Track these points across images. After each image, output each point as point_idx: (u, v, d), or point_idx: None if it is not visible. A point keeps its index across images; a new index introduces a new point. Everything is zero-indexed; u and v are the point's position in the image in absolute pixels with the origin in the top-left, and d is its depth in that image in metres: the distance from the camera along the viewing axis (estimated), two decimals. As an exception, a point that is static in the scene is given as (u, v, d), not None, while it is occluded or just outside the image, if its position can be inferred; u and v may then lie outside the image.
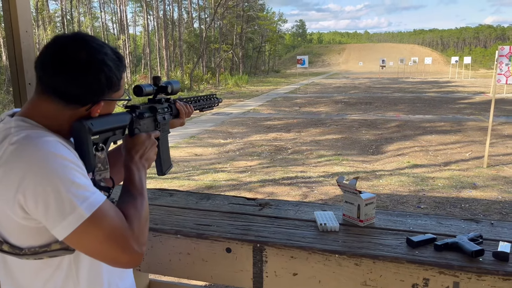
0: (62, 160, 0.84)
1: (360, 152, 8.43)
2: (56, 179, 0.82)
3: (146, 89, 1.15)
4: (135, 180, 1.04)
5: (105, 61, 0.93)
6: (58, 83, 0.90)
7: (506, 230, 1.50)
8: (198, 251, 1.53)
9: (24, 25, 1.97)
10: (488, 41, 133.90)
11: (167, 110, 1.27)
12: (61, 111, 0.92)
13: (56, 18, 31.17)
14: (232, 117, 14.06)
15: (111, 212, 0.89)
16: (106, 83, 0.94)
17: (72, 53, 0.90)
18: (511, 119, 12.13)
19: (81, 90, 0.91)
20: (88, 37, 0.95)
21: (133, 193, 1.01)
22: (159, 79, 1.22)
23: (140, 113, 1.11)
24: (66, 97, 0.91)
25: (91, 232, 0.85)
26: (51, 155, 0.84)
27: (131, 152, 1.09)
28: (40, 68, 0.91)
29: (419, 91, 22.89)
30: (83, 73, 0.90)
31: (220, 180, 6.53)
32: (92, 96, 0.93)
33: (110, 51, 0.96)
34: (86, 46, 0.92)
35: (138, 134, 1.11)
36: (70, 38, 0.94)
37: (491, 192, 5.68)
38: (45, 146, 0.84)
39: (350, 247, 1.39)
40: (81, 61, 0.90)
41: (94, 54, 0.92)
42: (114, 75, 0.96)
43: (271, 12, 63.46)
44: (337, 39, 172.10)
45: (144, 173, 1.09)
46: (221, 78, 32.88)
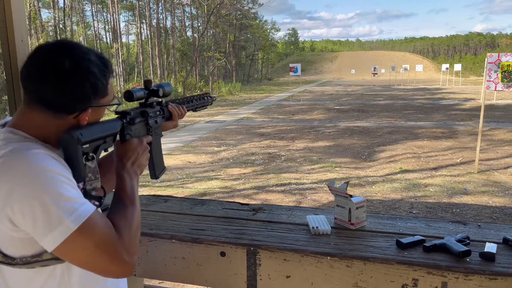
0: (50, 173, 0.84)
1: (353, 158, 8.50)
2: (43, 192, 0.82)
3: (136, 93, 1.13)
4: (126, 189, 1.03)
5: (89, 68, 0.92)
6: (44, 93, 0.89)
7: (492, 231, 1.55)
8: (193, 255, 1.55)
9: (20, 34, 2.00)
10: (478, 48, 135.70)
11: (159, 113, 1.25)
12: (49, 120, 0.92)
13: (49, 27, 31.15)
14: (226, 124, 14.10)
15: (100, 223, 0.88)
16: (92, 90, 0.93)
17: (56, 62, 0.90)
18: (501, 125, 12.29)
19: (67, 98, 0.91)
20: (72, 45, 0.94)
21: (125, 202, 1.00)
22: (150, 82, 1.20)
23: (131, 118, 1.10)
24: (52, 106, 0.91)
25: (79, 243, 0.85)
26: (38, 168, 0.83)
27: (122, 159, 1.07)
28: (25, 78, 0.91)
29: (410, 98, 23.12)
30: (67, 81, 0.90)
31: (213, 187, 6.55)
32: (78, 104, 0.92)
33: (95, 57, 0.95)
34: (69, 54, 0.91)
35: (130, 140, 1.09)
36: (53, 46, 0.93)
37: (482, 197, 5.75)
38: (32, 159, 0.84)
39: (342, 249, 1.42)
40: (65, 69, 0.89)
41: (78, 62, 0.91)
42: (100, 81, 0.95)
43: (264, 21, 63.91)
44: (329, 47, 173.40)
45: (136, 180, 1.08)
46: (214, 86, 32.98)
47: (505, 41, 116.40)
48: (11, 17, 1.94)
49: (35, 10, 24.56)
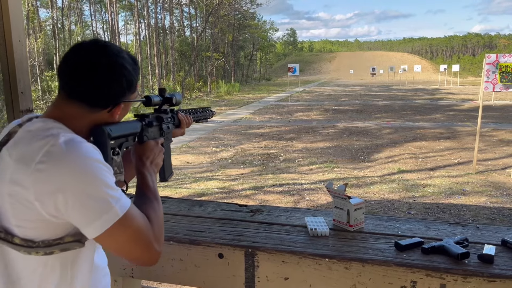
0: (100, 165, 0.91)
1: (351, 159, 8.50)
2: (96, 181, 0.88)
3: (154, 99, 1.22)
4: (149, 184, 1.11)
5: (124, 65, 0.99)
6: (83, 88, 0.95)
7: (491, 233, 1.54)
8: (191, 257, 1.54)
9: (17, 34, 1.99)
10: (476, 49, 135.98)
11: (171, 120, 1.35)
12: (85, 114, 0.98)
13: (47, 27, 31.09)
14: (224, 125, 14.09)
15: (137, 214, 0.96)
16: (127, 86, 1.01)
17: (95, 60, 0.96)
18: (500, 125, 12.31)
19: (105, 93, 0.98)
20: (107, 43, 1.01)
21: (150, 196, 1.07)
22: (165, 90, 1.29)
23: (149, 121, 1.20)
24: (90, 101, 0.97)
25: (121, 231, 0.91)
26: (92, 160, 0.90)
27: (142, 158, 1.16)
28: (64, 75, 0.97)
29: (409, 99, 23.15)
30: (105, 78, 0.96)
31: (212, 188, 6.54)
32: (114, 99, 1.00)
33: (127, 55, 1.03)
34: (106, 52, 0.98)
35: (148, 141, 1.19)
36: (91, 45, 0.99)
37: (480, 197, 5.75)
38: (87, 151, 0.90)
39: (340, 251, 1.42)
40: (104, 66, 0.96)
41: (114, 59, 0.98)
42: (133, 77, 1.03)
43: (262, 21, 63.88)
44: (328, 47, 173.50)
45: (155, 177, 1.17)
46: (213, 86, 32.97)
47: (503, 42, 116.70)
48: (8, 17, 1.93)
49: (33, 10, 24.52)
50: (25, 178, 0.87)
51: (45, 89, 20.69)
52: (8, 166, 0.90)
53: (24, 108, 2.07)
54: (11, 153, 0.91)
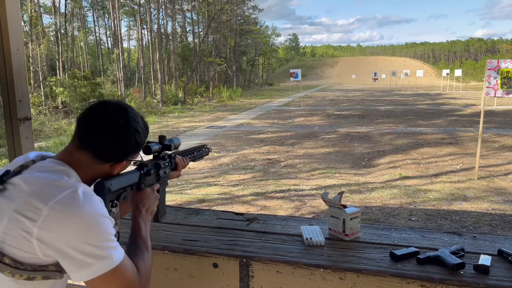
0: (106, 219, 0.99)
1: (353, 165, 8.48)
2: (100, 233, 0.96)
3: (153, 148, 1.30)
4: (142, 234, 1.17)
5: (137, 129, 1.10)
6: (97, 141, 1.05)
7: (488, 243, 1.53)
8: (186, 266, 1.54)
9: (15, 43, 2.00)
10: (479, 54, 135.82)
11: (168, 164, 1.41)
12: (91, 164, 1.07)
13: (50, 33, 31.25)
14: (226, 130, 14.10)
15: (129, 264, 1.02)
16: (135, 147, 1.12)
17: (115, 120, 1.07)
18: (502, 131, 12.28)
19: (114, 151, 1.08)
20: (128, 108, 1.12)
21: (141, 246, 1.14)
22: (164, 138, 1.36)
23: (147, 170, 1.25)
24: (100, 153, 1.07)
25: (112, 279, 0.97)
26: (100, 215, 0.98)
27: (139, 206, 1.23)
28: (84, 125, 1.07)
29: (411, 104, 23.13)
30: (120, 136, 1.07)
31: (212, 193, 6.53)
32: (120, 156, 1.11)
33: (141, 121, 1.14)
34: (126, 115, 1.09)
35: (145, 189, 1.25)
36: (116, 107, 1.10)
37: (482, 204, 5.73)
38: (99, 206, 0.99)
39: (335, 261, 1.41)
40: (120, 126, 1.07)
41: (131, 122, 1.09)
42: (141, 140, 1.14)
43: (265, 26, 64.09)
44: (330, 52, 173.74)
45: (149, 226, 1.23)
46: (215, 91, 33.02)
47: (506, 46, 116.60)
48: (6, 26, 1.94)
49: (36, 16, 24.67)
50: (36, 212, 0.92)
51: (48, 95, 20.77)
52: (20, 195, 0.95)
53: (22, 116, 2.08)
54: (26, 184, 0.97)
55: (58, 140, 12.24)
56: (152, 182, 1.29)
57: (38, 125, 15.04)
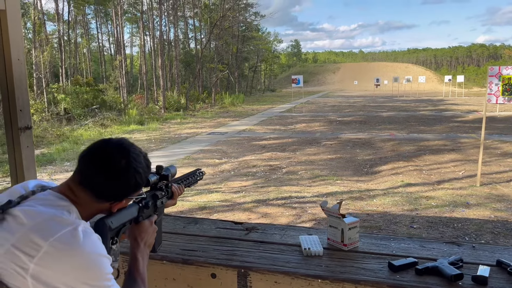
0: (105, 258, 0.98)
1: (355, 171, 8.46)
2: (98, 273, 0.95)
3: (151, 179, 1.28)
4: (139, 269, 1.17)
5: (138, 170, 1.08)
6: (97, 182, 1.04)
7: (487, 253, 1.53)
8: (184, 276, 1.54)
9: (16, 53, 2.01)
10: (481, 59, 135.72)
11: (165, 194, 1.40)
12: (90, 201, 1.06)
13: (54, 40, 31.45)
14: (227, 136, 14.11)
15: None
16: (135, 187, 1.11)
17: (115, 160, 1.05)
18: (504, 137, 12.24)
19: (114, 190, 1.07)
20: (130, 147, 1.10)
21: (138, 282, 1.14)
22: (162, 168, 1.35)
23: (145, 203, 1.25)
24: (99, 193, 1.06)
25: None
26: (99, 255, 0.97)
27: (137, 240, 1.22)
28: (84, 164, 1.05)
29: (413, 110, 23.11)
30: (120, 177, 1.05)
31: (214, 200, 6.53)
32: (120, 196, 1.10)
33: (143, 160, 1.12)
34: (127, 155, 1.07)
35: (143, 222, 1.25)
36: (117, 146, 1.08)
37: (484, 211, 5.70)
38: (97, 246, 0.98)
39: (333, 271, 1.41)
40: (121, 167, 1.05)
41: (132, 163, 1.07)
42: (142, 181, 1.12)
43: (267, 32, 64.33)
44: (332, 58, 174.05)
45: (147, 259, 1.23)
46: (217, 98, 33.08)
47: (508, 52, 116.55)
48: (7, 36, 1.96)
49: (39, 23, 24.85)
50: (35, 248, 0.91)
51: (51, 101, 20.86)
52: (20, 229, 0.94)
53: (22, 126, 2.09)
54: (27, 218, 0.95)
55: (60, 147, 12.27)
56: (150, 213, 1.29)
57: (40, 132, 15.08)
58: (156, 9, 32.29)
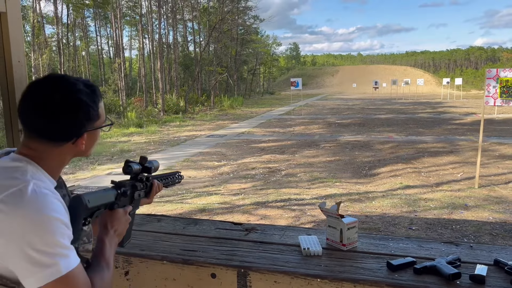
0: (57, 222, 0.90)
1: (353, 173, 8.48)
2: (47, 236, 0.87)
3: (134, 167, 1.24)
4: (105, 254, 1.08)
5: (80, 98, 0.99)
6: (41, 126, 0.96)
7: (484, 253, 1.54)
8: (184, 276, 1.55)
9: (17, 55, 2.02)
10: (479, 62, 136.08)
11: (143, 188, 1.34)
12: (50, 149, 0.99)
13: (53, 43, 31.48)
14: (227, 139, 14.12)
15: (82, 277, 0.94)
16: (85, 117, 1.00)
17: (48, 97, 0.96)
18: (502, 139, 12.28)
19: (63, 129, 0.98)
20: (60, 78, 1.00)
21: (102, 265, 1.05)
22: (146, 159, 1.30)
23: (124, 191, 1.19)
24: (50, 137, 0.98)
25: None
26: (49, 216, 0.89)
27: (107, 226, 1.13)
28: (21, 114, 0.98)
29: (411, 112, 23.15)
30: (61, 114, 0.96)
31: (213, 203, 6.53)
32: (74, 132, 1.00)
33: (83, 86, 1.01)
34: (59, 87, 0.98)
35: (117, 210, 1.16)
36: (43, 82, 0.99)
37: (482, 212, 5.71)
38: (47, 206, 0.89)
39: (332, 271, 1.42)
40: (57, 103, 0.96)
41: (68, 94, 0.97)
42: (91, 108, 1.01)
43: (265, 35, 64.46)
44: (331, 61, 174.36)
45: (114, 247, 1.13)
46: (216, 100, 33.11)
47: (506, 55, 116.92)
48: (8, 38, 1.97)
49: (38, 26, 24.88)
50: None
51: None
52: None
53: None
54: None
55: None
56: (125, 203, 1.23)
57: (39, 135, 15.10)
58: (155, 12, 32.37)
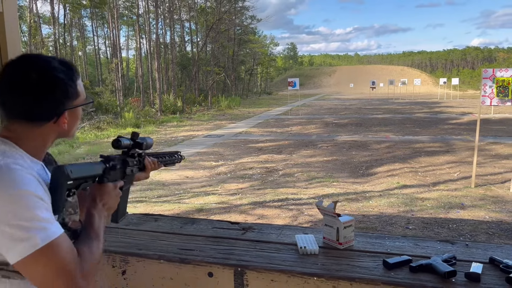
0: (30, 196, 0.88)
1: (351, 173, 8.50)
2: (18, 211, 0.86)
3: (124, 142, 1.21)
4: (94, 225, 1.06)
5: (55, 75, 0.97)
6: (18, 106, 0.95)
7: (480, 251, 1.55)
8: (181, 275, 1.55)
9: (13, 54, 2.02)
10: (476, 62, 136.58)
11: (136, 163, 1.33)
12: (30, 129, 0.98)
13: (49, 43, 31.41)
14: (224, 139, 14.12)
15: (65, 246, 0.92)
16: (63, 95, 0.99)
17: (23, 75, 0.95)
18: (499, 139, 12.32)
19: (41, 107, 0.96)
20: (34, 57, 1.00)
21: (91, 236, 1.03)
22: (137, 135, 1.28)
23: (113, 165, 1.17)
24: (29, 117, 0.96)
25: (41, 262, 0.87)
26: (18, 190, 0.88)
27: (96, 199, 1.11)
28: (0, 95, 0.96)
29: (408, 112, 23.21)
30: (37, 91, 0.95)
31: (210, 203, 6.53)
32: (54, 110, 0.98)
33: (58, 64, 1.00)
34: (34, 66, 0.96)
35: (106, 184, 1.14)
36: (17, 61, 0.98)
37: (479, 212, 5.74)
38: (17, 180, 0.88)
39: (329, 269, 1.43)
40: (33, 80, 0.94)
41: (44, 72, 0.96)
42: (68, 85, 1.00)
43: (263, 36, 64.51)
44: (328, 61, 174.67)
45: (103, 220, 1.11)
46: (214, 101, 33.11)
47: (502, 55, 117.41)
48: (4, 36, 1.97)
49: (35, 26, 24.81)
50: None
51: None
52: None
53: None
54: None
55: (56, 150, 12.23)
56: (116, 178, 1.20)
57: (36, 135, 15.05)
58: (152, 12, 32.34)
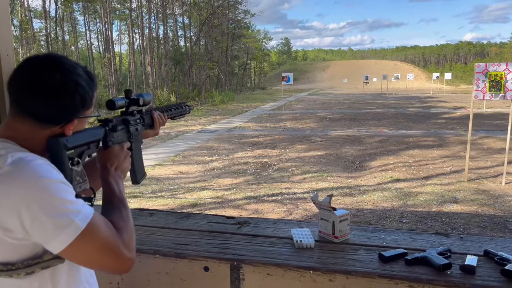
0: (54, 183, 0.87)
1: (344, 168, 8.53)
2: (49, 199, 0.85)
3: (118, 102, 1.17)
4: (115, 192, 1.07)
5: (78, 82, 0.96)
6: (34, 105, 0.92)
7: (474, 243, 1.56)
8: (177, 270, 1.54)
9: (5, 48, 1.99)
10: (468, 57, 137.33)
11: (139, 121, 1.30)
12: (37, 131, 0.94)
13: (41, 37, 31.08)
14: (218, 134, 14.10)
15: (102, 223, 0.93)
16: (80, 103, 0.97)
17: (47, 76, 0.92)
18: (491, 133, 12.42)
19: (57, 111, 0.94)
20: (61, 58, 0.96)
21: (118, 205, 1.04)
22: (131, 92, 1.24)
23: (113, 126, 1.14)
24: (41, 118, 0.93)
25: (86, 243, 0.89)
26: (42, 179, 0.86)
27: (106, 165, 1.11)
28: (14, 90, 0.93)
29: (401, 107, 23.31)
30: (58, 95, 0.92)
31: (205, 198, 6.53)
32: (67, 116, 0.96)
33: (82, 71, 0.99)
34: (59, 67, 0.94)
35: (112, 147, 1.13)
36: (43, 59, 0.94)
37: (471, 205, 5.79)
38: (37, 170, 0.87)
39: (325, 263, 1.43)
40: (56, 83, 0.92)
41: (68, 76, 0.94)
42: (88, 94, 0.99)
43: (256, 30, 64.33)
44: (322, 56, 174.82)
45: (121, 183, 1.12)
46: (207, 96, 33.02)
47: (495, 50, 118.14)
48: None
49: (26, 20, 24.53)
50: None
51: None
52: None
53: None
54: None
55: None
56: (122, 139, 1.18)
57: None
58: (145, 6, 32.09)
